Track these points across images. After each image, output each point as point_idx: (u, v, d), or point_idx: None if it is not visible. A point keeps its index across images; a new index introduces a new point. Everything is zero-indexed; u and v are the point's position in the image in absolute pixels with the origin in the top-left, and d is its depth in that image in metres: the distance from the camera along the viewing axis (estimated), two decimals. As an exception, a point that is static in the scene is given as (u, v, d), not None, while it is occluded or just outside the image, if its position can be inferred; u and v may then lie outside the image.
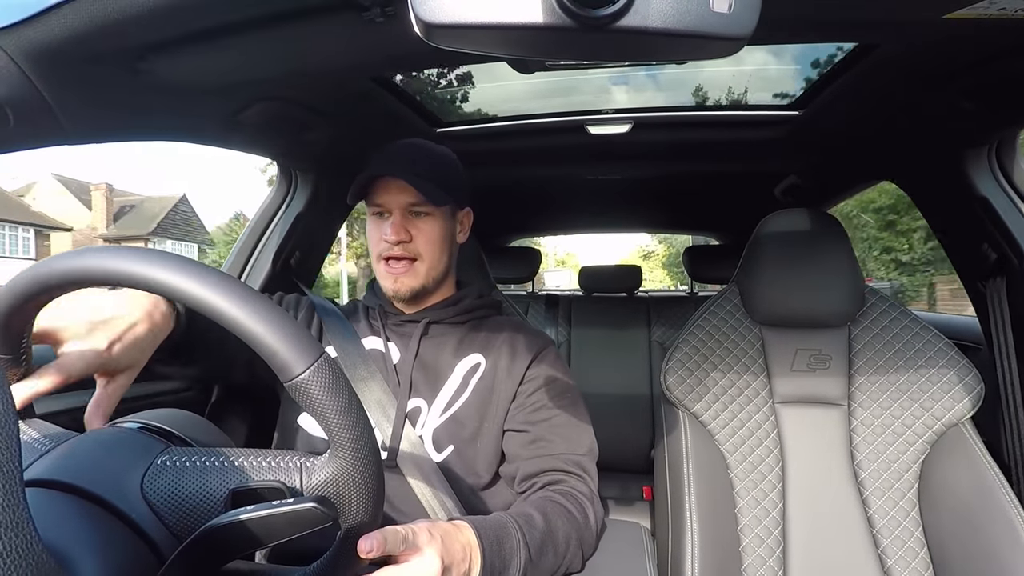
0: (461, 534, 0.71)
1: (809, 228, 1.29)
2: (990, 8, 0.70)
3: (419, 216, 1.03)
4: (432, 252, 1.04)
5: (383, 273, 1.04)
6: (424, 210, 1.03)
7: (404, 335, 1.07)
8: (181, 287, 0.45)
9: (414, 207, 1.02)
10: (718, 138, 1.61)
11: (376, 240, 1.04)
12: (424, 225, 1.03)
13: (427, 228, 1.03)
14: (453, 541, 0.68)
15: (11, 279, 0.49)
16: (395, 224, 1.01)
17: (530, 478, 0.95)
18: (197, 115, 1.07)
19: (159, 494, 0.49)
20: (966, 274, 1.36)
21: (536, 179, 2.20)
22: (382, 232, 1.02)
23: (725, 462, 1.24)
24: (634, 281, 2.84)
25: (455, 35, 0.43)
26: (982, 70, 0.97)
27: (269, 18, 0.75)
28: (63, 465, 0.49)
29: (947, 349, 1.22)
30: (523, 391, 1.01)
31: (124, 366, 0.71)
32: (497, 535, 0.76)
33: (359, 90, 1.19)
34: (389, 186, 1.01)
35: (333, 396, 0.47)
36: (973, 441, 1.15)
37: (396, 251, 1.02)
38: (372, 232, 1.05)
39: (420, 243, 1.03)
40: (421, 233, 1.03)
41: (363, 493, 0.51)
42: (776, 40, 0.97)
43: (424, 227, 1.03)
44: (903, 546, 1.16)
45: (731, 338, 1.32)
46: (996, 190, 1.22)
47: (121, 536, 0.46)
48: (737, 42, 0.43)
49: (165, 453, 0.52)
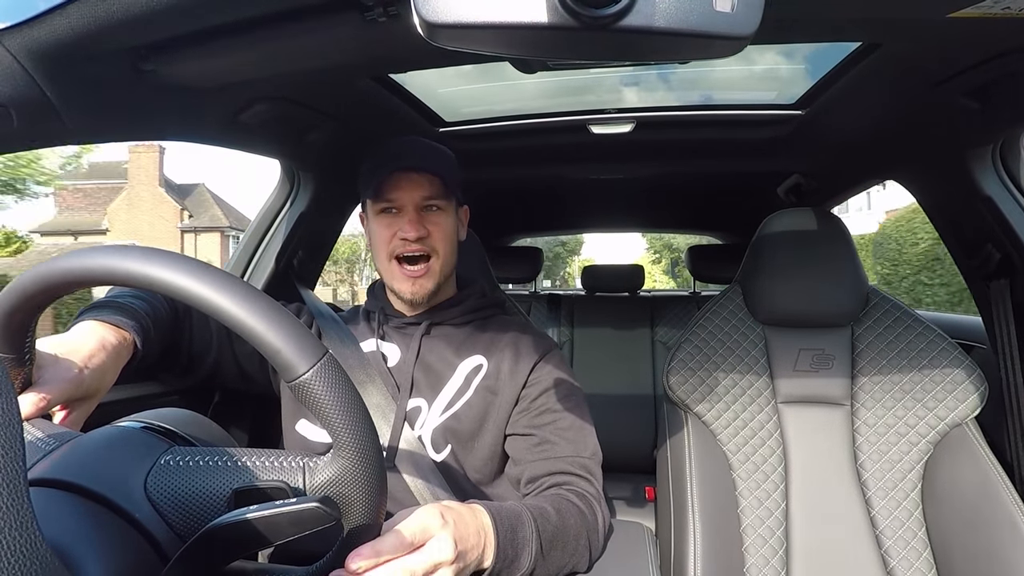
0: (475, 517, 0.71)
1: (812, 228, 1.29)
2: (995, 7, 0.70)
3: (432, 211, 1.02)
4: (446, 248, 1.04)
5: (398, 276, 1.02)
6: (437, 204, 1.02)
7: (405, 336, 1.07)
8: (183, 286, 0.45)
9: (429, 200, 1.01)
10: (721, 137, 1.61)
11: (387, 239, 1.02)
12: (438, 219, 1.03)
13: (441, 223, 1.03)
14: (467, 524, 0.68)
15: (17, 278, 0.49)
16: (412, 220, 0.99)
17: (536, 480, 0.94)
18: (199, 115, 1.08)
19: (162, 493, 0.50)
20: (970, 274, 1.36)
21: (538, 179, 2.20)
22: (396, 230, 1.00)
23: (728, 462, 1.24)
24: (636, 281, 2.84)
25: (458, 35, 0.43)
26: (986, 69, 0.96)
27: (271, 17, 0.75)
28: (67, 464, 0.49)
29: (950, 349, 1.22)
30: (526, 395, 1.00)
31: (91, 393, 0.72)
32: (511, 523, 0.76)
33: (362, 90, 1.19)
34: (400, 181, 1.00)
35: (336, 396, 0.47)
36: (976, 441, 1.15)
37: (414, 248, 1.00)
38: (381, 231, 1.03)
39: (436, 238, 1.02)
40: (437, 228, 1.02)
41: (366, 493, 0.51)
42: (779, 39, 0.96)
43: (439, 221, 1.03)
44: (906, 546, 1.16)
45: (734, 338, 1.32)
46: (1001, 190, 1.22)
47: (125, 535, 0.46)
48: (740, 42, 0.43)
49: (168, 452, 0.52)
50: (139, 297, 0.88)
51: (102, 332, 0.78)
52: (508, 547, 0.73)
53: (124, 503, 0.48)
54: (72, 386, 0.68)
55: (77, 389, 0.69)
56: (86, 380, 0.70)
